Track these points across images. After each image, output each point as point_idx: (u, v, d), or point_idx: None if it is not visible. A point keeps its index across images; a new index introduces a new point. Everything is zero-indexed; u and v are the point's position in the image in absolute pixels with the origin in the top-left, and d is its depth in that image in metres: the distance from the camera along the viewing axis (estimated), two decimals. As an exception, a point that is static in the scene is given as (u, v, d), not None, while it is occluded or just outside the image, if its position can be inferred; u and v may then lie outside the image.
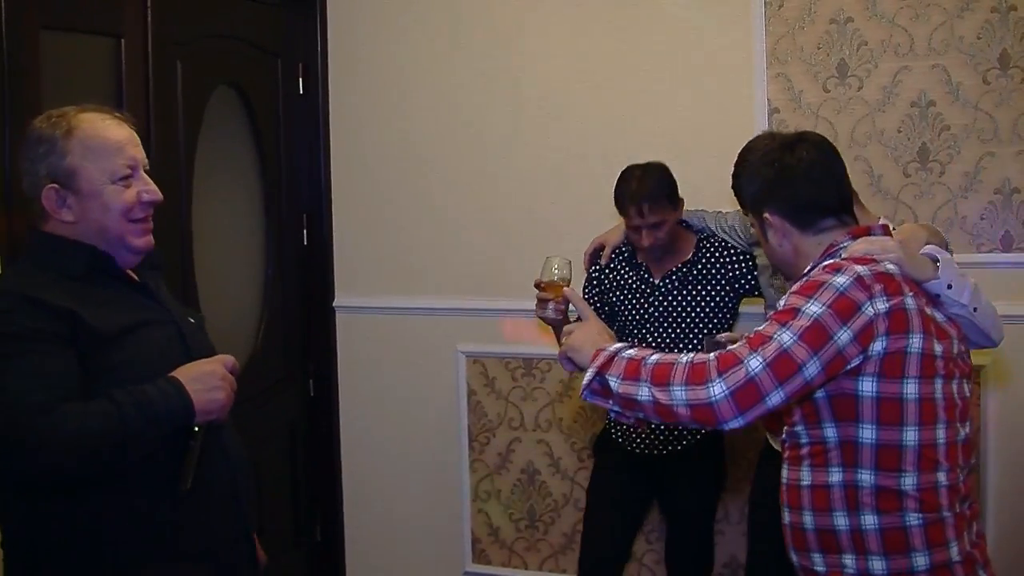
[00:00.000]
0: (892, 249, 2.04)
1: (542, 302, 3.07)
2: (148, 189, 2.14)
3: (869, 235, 2.10)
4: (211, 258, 3.67)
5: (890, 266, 2.00)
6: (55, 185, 2.06)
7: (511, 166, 3.96)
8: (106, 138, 2.09)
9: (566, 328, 2.17)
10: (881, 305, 1.93)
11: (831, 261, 2.03)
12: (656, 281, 3.33)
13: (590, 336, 2.10)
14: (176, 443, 2.00)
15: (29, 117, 2.17)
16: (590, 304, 3.37)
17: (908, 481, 1.95)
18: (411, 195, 4.12)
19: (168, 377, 2.00)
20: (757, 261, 3.22)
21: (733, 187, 2.27)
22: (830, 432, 1.99)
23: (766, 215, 2.16)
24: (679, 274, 3.31)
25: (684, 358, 1.94)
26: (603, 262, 3.44)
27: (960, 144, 3.44)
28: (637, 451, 3.38)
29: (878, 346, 1.92)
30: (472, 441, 4.11)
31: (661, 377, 1.92)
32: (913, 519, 1.96)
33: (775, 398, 1.88)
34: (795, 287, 2.00)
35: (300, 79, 4.17)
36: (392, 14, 4.10)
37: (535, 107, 3.91)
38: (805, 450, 2.03)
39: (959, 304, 2.08)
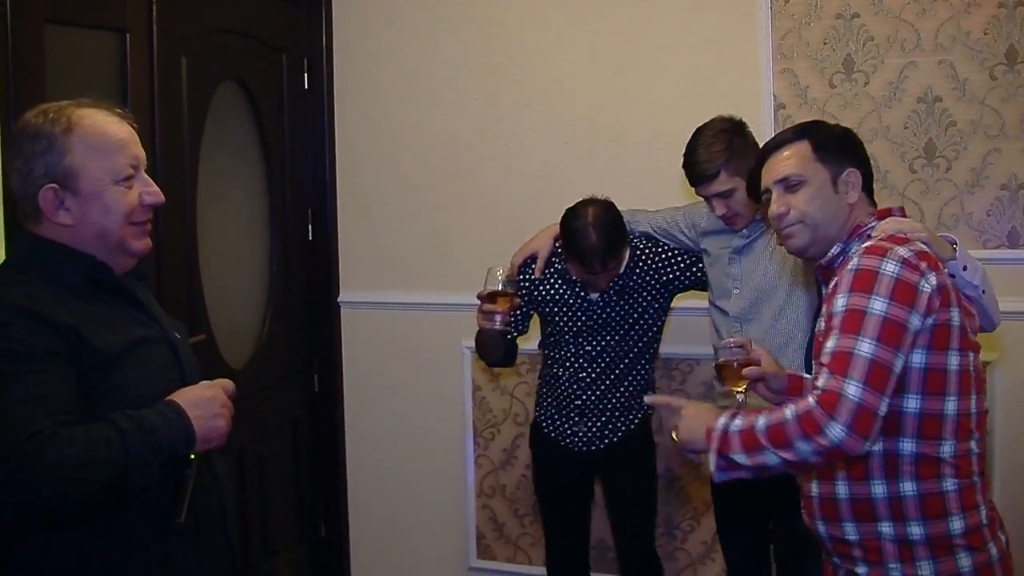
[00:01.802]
0: (920, 228, 2.12)
1: (489, 314, 3.05)
2: (151, 191, 2.03)
3: (891, 216, 2.19)
4: (216, 254, 3.67)
5: (921, 244, 2.06)
6: (54, 185, 1.92)
7: (516, 161, 3.95)
8: (108, 136, 1.97)
9: (672, 423, 2.15)
10: (933, 280, 2.00)
11: (870, 243, 2.06)
12: (594, 297, 3.31)
13: (696, 421, 2.09)
14: (169, 472, 1.88)
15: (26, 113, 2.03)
16: (520, 310, 3.34)
17: (946, 449, 2.02)
18: (416, 190, 4.11)
19: (168, 402, 1.90)
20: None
21: (806, 128, 2.29)
22: None
23: (849, 169, 2.20)
24: (615, 288, 3.29)
25: (788, 412, 1.95)
26: (536, 275, 3.35)
27: (966, 140, 3.43)
28: (575, 448, 3.38)
29: (930, 320, 1.99)
30: (477, 436, 4.11)
31: (780, 439, 1.94)
32: (950, 484, 2.03)
33: (883, 407, 1.93)
34: (846, 284, 2.02)
35: (305, 74, 4.17)
36: (397, 9, 4.09)
37: (540, 103, 3.91)
38: (814, 393, 2.03)
39: (971, 285, 2.17)
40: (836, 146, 2.24)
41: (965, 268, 2.17)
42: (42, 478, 1.70)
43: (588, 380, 3.33)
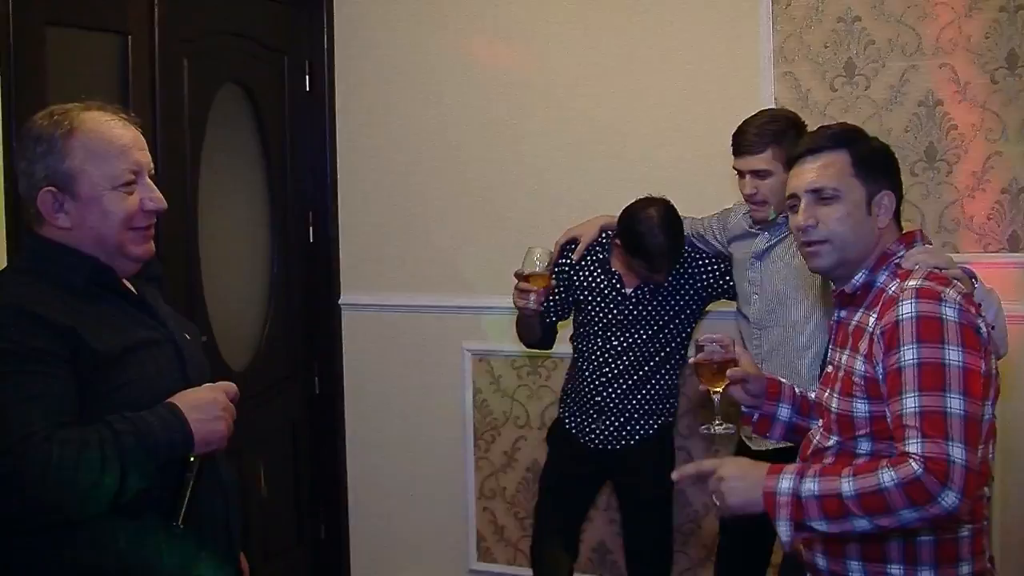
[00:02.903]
0: (950, 262, 2.05)
1: (524, 292, 3.08)
2: (152, 197, 2.00)
3: (915, 243, 2.11)
4: (217, 255, 3.68)
5: (959, 283, 2.00)
6: (52, 188, 1.92)
7: (518, 163, 3.95)
8: (109, 140, 1.95)
9: (713, 489, 1.98)
10: (983, 325, 1.95)
11: (917, 284, 1.96)
12: (628, 291, 3.33)
13: (745, 482, 1.94)
14: (169, 474, 1.87)
15: (35, 114, 2.02)
16: (554, 295, 3.37)
17: None
18: (417, 193, 4.12)
19: (167, 404, 1.88)
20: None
21: (847, 136, 2.15)
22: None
23: (886, 192, 2.10)
24: (651, 285, 3.31)
25: (886, 478, 1.81)
26: (575, 257, 3.40)
27: (967, 143, 3.43)
28: (591, 445, 3.39)
29: (984, 368, 1.92)
30: (477, 439, 4.11)
31: (879, 507, 1.81)
32: (964, 531, 1.98)
33: (980, 457, 1.88)
34: (909, 332, 1.90)
35: (306, 77, 4.17)
36: (398, 11, 4.10)
37: (542, 105, 3.91)
38: (861, 460, 1.97)
39: (985, 321, 2.07)
40: (877, 163, 2.11)
41: (980, 304, 2.07)
42: (37, 479, 1.70)
43: (610, 376, 3.33)
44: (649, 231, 3.13)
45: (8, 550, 1.84)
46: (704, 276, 3.33)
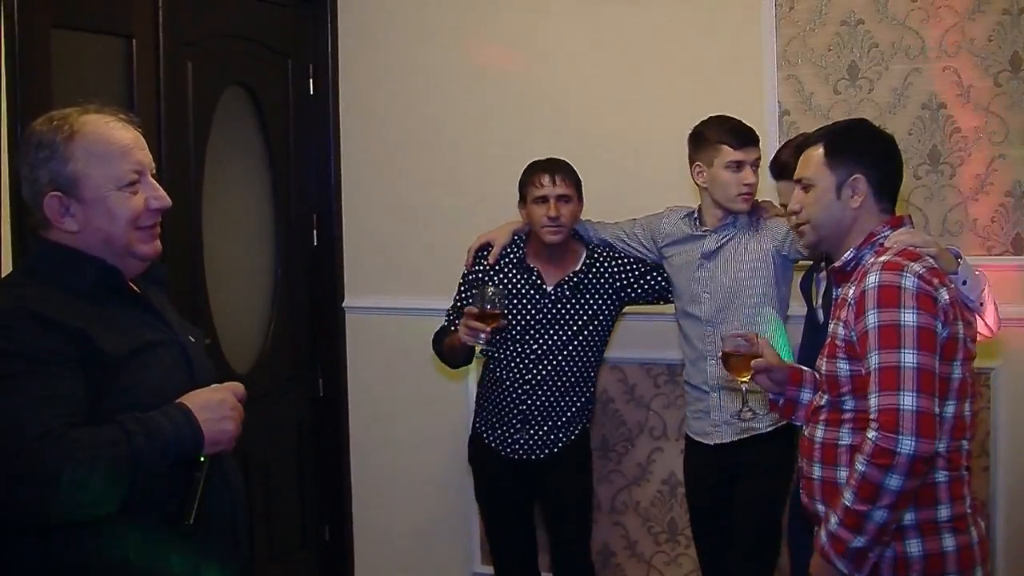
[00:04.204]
0: (930, 243, 2.27)
1: (474, 331, 3.08)
2: (157, 195, 2.02)
3: (903, 226, 2.31)
4: (221, 258, 3.68)
5: (930, 259, 2.20)
6: (58, 193, 1.93)
7: (521, 167, 3.94)
8: (111, 142, 1.97)
9: None
10: (944, 295, 2.15)
11: (885, 259, 2.18)
12: (548, 288, 3.33)
13: (818, 569, 2.21)
14: (178, 474, 1.88)
15: (40, 116, 2.03)
16: (463, 303, 3.38)
17: (941, 446, 2.13)
18: (421, 195, 4.12)
19: (177, 404, 1.90)
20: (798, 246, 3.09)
21: (820, 135, 2.38)
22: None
23: (857, 176, 2.29)
24: (571, 283, 3.33)
25: (859, 463, 2.09)
26: (491, 260, 3.41)
27: (971, 146, 3.43)
28: (514, 457, 3.38)
29: (944, 332, 2.14)
30: (480, 442, 4.10)
31: (872, 492, 2.07)
32: (941, 476, 2.18)
33: (937, 407, 2.10)
34: (872, 300, 2.14)
35: (310, 79, 4.17)
36: (402, 14, 4.10)
37: (545, 108, 3.91)
38: (848, 415, 2.22)
39: (969, 299, 2.32)
40: (848, 151, 2.32)
41: (965, 282, 2.31)
42: (49, 478, 1.71)
43: (533, 383, 3.33)
44: (533, 161, 3.41)
45: (19, 549, 1.86)
46: (622, 276, 3.35)
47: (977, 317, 2.35)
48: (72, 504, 1.75)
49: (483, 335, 3.09)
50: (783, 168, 3.01)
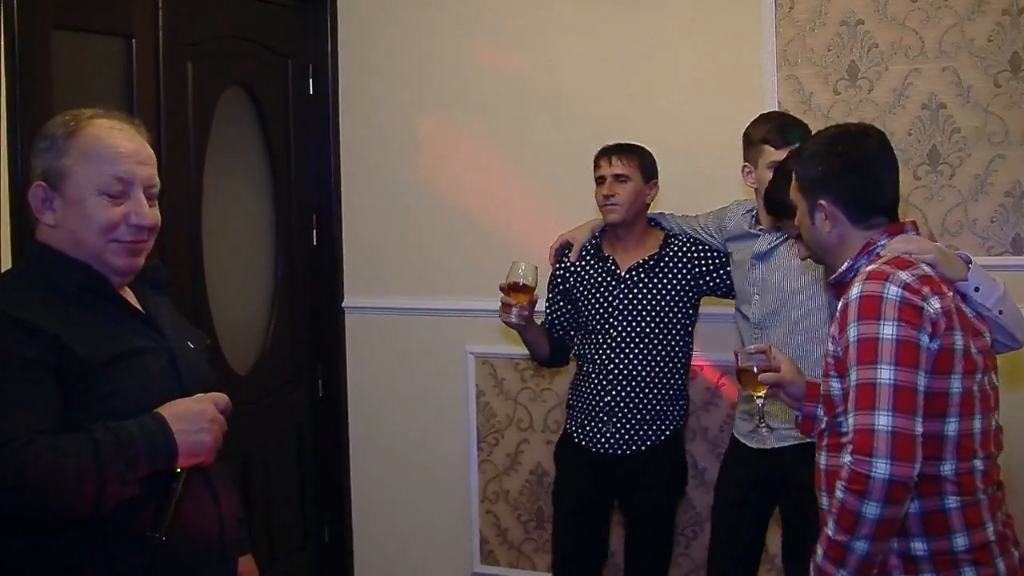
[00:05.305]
0: (929, 249, 2.12)
1: (506, 307, 3.11)
2: (139, 212, 1.95)
3: (902, 233, 2.17)
4: (221, 258, 3.69)
5: (926, 267, 2.06)
6: (44, 184, 1.93)
7: (521, 167, 3.96)
8: (106, 146, 1.94)
9: None
10: (936, 304, 2.00)
11: (873, 268, 2.06)
12: (622, 273, 3.34)
13: None
14: (155, 486, 1.83)
15: (41, 116, 2.06)
16: (553, 302, 3.44)
17: (947, 468, 2.01)
18: (421, 196, 4.12)
19: (153, 414, 1.83)
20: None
21: (785, 167, 2.35)
22: None
23: (821, 201, 2.18)
24: (645, 267, 3.32)
25: (838, 492, 1.95)
26: (572, 258, 3.43)
27: (970, 147, 3.43)
28: (600, 452, 3.35)
29: (935, 344, 1.99)
30: (481, 442, 4.11)
31: (850, 521, 1.93)
32: (952, 502, 2.02)
33: (918, 427, 1.93)
34: (853, 312, 2.01)
35: (310, 80, 4.18)
36: (402, 15, 4.11)
37: (545, 108, 3.91)
38: (848, 438, 2.03)
39: (984, 307, 2.16)
40: (810, 176, 2.22)
41: (978, 289, 2.16)
42: (12, 486, 1.68)
43: (616, 372, 3.31)
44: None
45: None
46: (701, 262, 3.32)
47: (995, 325, 2.20)
48: (36, 511, 1.72)
49: (515, 309, 3.09)
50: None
